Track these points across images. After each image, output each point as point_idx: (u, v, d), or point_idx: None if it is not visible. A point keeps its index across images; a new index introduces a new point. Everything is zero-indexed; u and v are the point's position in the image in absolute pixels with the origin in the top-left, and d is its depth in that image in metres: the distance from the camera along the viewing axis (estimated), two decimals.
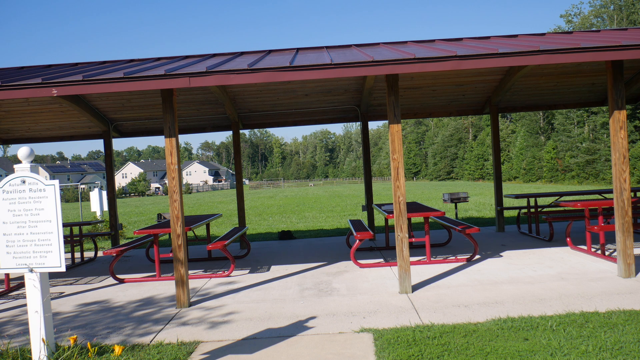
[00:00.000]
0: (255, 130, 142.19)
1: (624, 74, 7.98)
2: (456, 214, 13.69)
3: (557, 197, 12.85)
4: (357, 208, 22.07)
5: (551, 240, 9.26)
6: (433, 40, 9.14)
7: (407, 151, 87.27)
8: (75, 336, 4.54)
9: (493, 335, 4.45)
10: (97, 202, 14.46)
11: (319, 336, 4.74)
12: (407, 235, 6.13)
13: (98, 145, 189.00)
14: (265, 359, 4.26)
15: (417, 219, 13.56)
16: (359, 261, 8.02)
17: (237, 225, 12.75)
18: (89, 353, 4.35)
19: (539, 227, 10.17)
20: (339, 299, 6.04)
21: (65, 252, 11.02)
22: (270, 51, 9.13)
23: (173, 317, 5.67)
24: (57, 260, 4.24)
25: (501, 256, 8.16)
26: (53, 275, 8.60)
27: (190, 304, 6.18)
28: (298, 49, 8.98)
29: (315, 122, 11.43)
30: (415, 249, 9.24)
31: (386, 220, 9.35)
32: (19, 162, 8.88)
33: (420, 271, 7.30)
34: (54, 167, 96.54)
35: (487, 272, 7.02)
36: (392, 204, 9.76)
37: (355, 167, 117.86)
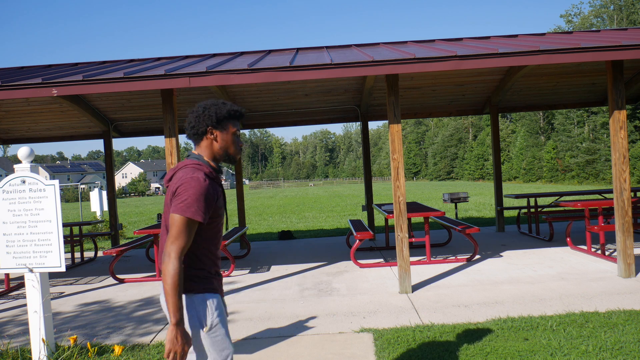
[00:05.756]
0: (255, 130, 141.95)
1: (624, 74, 7.98)
2: (456, 214, 13.69)
3: (557, 197, 12.85)
4: (357, 208, 22.06)
5: (551, 240, 9.26)
6: (433, 40, 9.15)
7: (407, 151, 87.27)
8: (75, 336, 4.53)
9: (493, 335, 4.45)
10: (97, 202, 14.45)
11: (319, 336, 4.74)
12: (407, 235, 6.13)
13: (98, 145, 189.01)
14: (265, 358, 4.26)
15: (417, 219, 13.57)
16: (359, 261, 8.02)
17: (237, 225, 12.75)
18: (89, 353, 4.35)
19: (539, 227, 10.17)
20: (339, 299, 6.04)
21: (65, 252, 11.02)
22: (270, 51, 9.13)
23: None
24: (57, 260, 4.24)
25: (501, 256, 8.16)
26: (53, 275, 8.60)
27: None
28: (298, 49, 8.98)
29: (315, 122, 11.43)
30: (415, 249, 9.24)
31: (386, 220, 9.35)
32: (19, 162, 8.88)
33: (420, 271, 7.30)
34: (54, 167, 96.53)
35: (487, 272, 7.02)
36: (392, 204, 9.76)
37: (355, 167, 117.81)
